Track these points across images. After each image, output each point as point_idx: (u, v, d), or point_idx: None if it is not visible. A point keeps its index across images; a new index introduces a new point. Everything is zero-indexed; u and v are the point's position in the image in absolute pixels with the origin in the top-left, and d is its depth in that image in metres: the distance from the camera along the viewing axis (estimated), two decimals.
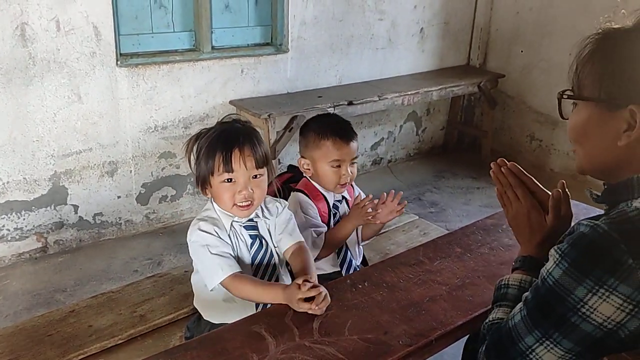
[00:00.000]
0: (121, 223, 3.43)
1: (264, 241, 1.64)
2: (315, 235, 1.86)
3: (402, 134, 4.73)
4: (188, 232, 1.59)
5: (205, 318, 1.68)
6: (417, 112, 4.75)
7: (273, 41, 3.73)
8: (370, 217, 1.85)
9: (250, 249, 1.62)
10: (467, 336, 1.53)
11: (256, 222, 1.63)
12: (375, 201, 1.93)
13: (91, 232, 3.34)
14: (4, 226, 3.03)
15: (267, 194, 1.64)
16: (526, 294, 1.11)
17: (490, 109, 4.65)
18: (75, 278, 3.01)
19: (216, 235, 1.54)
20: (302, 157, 1.93)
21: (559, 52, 4.28)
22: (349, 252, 1.99)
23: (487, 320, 1.24)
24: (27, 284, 2.93)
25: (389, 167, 4.68)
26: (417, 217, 2.70)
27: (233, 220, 1.59)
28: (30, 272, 3.05)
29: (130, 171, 3.36)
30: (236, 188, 1.52)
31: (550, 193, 1.38)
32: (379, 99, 3.80)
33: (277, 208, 1.68)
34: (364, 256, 2.17)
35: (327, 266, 1.95)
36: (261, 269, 1.65)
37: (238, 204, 1.54)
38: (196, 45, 3.43)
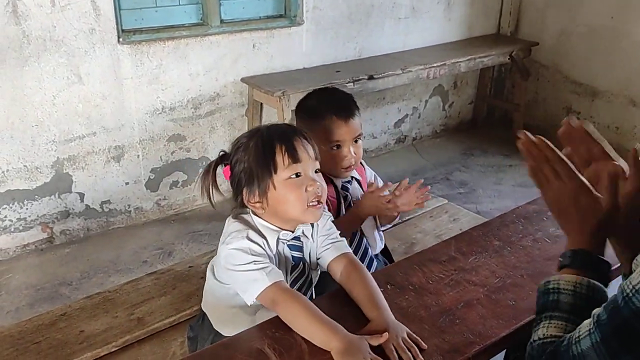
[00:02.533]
0: (130, 211, 3.25)
1: (306, 265, 1.38)
2: None
3: (427, 110, 4.44)
4: (225, 241, 1.29)
5: (215, 328, 1.44)
6: (443, 85, 4.46)
7: (287, 13, 3.47)
8: (386, 207, 1.60)
9: (291, 274, 1.36)
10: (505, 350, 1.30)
11: (302, 242, 1.36)
12: (394, 185, 1.69)
13: (99, 220, 3.16)
14: (6, 217, 2.88)
15: None
16: (598, 311, 0.86)
17: (522, 80, 4.32)
18: (81, 270, 2.85)
19: (264, 249, 1.27)
20: None
21: (600, 16, 3.93)
22: (364, 240, 1.75)
23: (535, 338, 0.99)
24: (31, 278, 2.78)
25: (414, 145, 4.41)
26: (446, 201, 2.44)
27: (279, 237, 1.32)
28: (35, 264, 2.89)
29: (138, 156, 3.17)
30: (305, 182, 1.27)
31: (617, 166, 1.09)
32: (402, 72, 3.53)
33: (318, 225, 1.38)
34: (385, 246, 1.93)
35: None
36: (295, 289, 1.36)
37: (311, 203, 1.28)
38: (204, 19, 3.19)
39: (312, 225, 1.36)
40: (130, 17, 2.99)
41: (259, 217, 1.32)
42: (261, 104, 3.36)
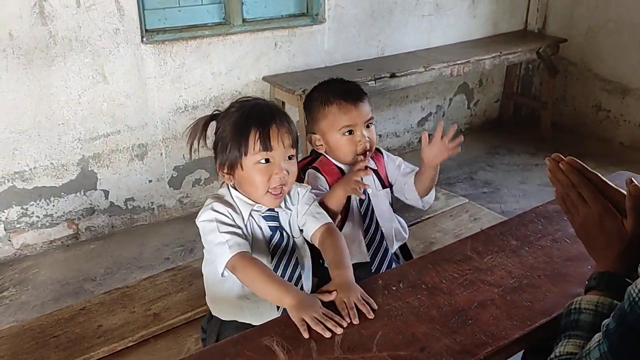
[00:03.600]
0: (154, 208, 3.29)
1: (284, 233, 1.44)
2: None
3: (452, 108, 4.39)
4: (197, 216, 1.39)
5: (214, 314, 1.50)
6: (468, 83, 4.40)
7: (309, 11, 3.46)
8: (357, 187, 1.50)
9: (270, 242, 1.42)
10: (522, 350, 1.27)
11: (277, 212, 1.43)
12: (427, 135, 1.64)
13: (123, 217, 3.21)
14: (33, 213, 2.94)
15: None
16: (607, 321, 0.83)
17: (550, 77, 4.23)
18: (105, 266, 2.90)
19: (229, 217, 1.35)
20: (311, 133, 1.68)
21: (631, 11, 3.82)
22: (379, 232, 1.67)
23: (553, 356, 0.97)
24: (56, 273, 2.83)
25: None
26: (467, 200, 2.40)
27: (252, 209, 1.39)
28: (61, 259, 2.95)
29: (161, 154, 3.20)
30: (272, 169, 1.34)
31: (624, 192, 1.07)
32: (425, 70, 3.49)
33: (299, 194, 1.47)
34: (406, 246, 1.89)
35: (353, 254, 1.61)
36: (282, 264, 1.44)
37: (271, 190, 1.36)
38: (226, 18, 3.21)
39: (289, 193, 1.44)
40: (154, 17, 3.03)
41: (235, 189, 1.40)
42: (283, 102, 3.36)
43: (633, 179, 1.06)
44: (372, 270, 1.65)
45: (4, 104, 2.69)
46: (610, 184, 1.12)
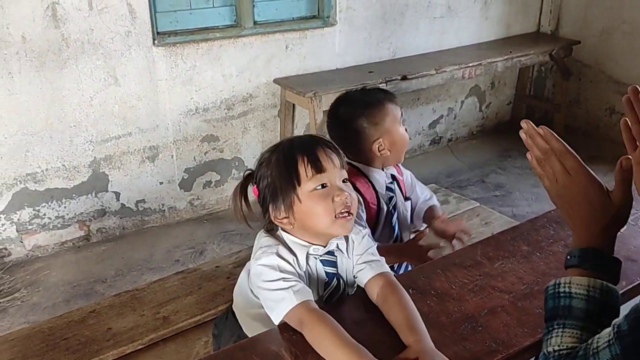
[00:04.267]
0: (164, 210, 3.30)
1: (342, 281, 1.31)
2: None
3: (463, 110, 4.36)
4: (254, 256, 1.25)
5: (246, 332, 1.40)
6: (480, 86, 4.37)
7: (320, 13, 3.46)
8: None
9: (325, 290, 1.30)
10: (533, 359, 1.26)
11: (336, 256, 1.30)
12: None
13: (134, 219, 3.23)
14: (45, 214, 2.96)
15: None
16: (619, 320, 0.81)
17: (563, 79, 4.20)
18: (116, 268, 2.91)
19: (293, 266, 1.22)
20: (374, 140, 1.63)
21: None
22: (398, 232, 1.71)
23: (549, 349, 0.93)
24: (67, 275, 2.85)
25: (449, 147, 4.33)
26: (478, 204, 2.39)
27: (308, 252, 1.26)
28: (72, 261, 2.97)
29: (172, 156, 3.21)
30: (332, 192, 1.21)
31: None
32: (436, 73, 3.47)
33: (354, 241, 1.32)
34: None
35: None
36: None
37: (340, 214, 1.21)
38: (237, 21, 3.22)
39: (347, 239, 1.31)
40: (165, 19, 3.04)
41: (287, 232, 1.27)
42: (293, 104, 3.37)
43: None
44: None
45: (17, 106, 2.72)
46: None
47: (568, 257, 1.03)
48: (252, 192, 1.30)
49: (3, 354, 1.60)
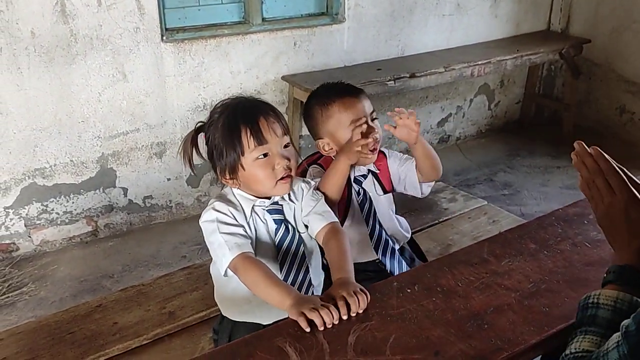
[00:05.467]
0: (172, 206, 3.31)
1: (290, 226, 1.44)
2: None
3: (472, 109, 4.34)
4: (200, 217, 1.40)
5: (224, 314, 1.50)
6: (489, 84, 4.34)
7: (328, 10, 3.45)
8: (363, 150, 1.52)
9: (275, 235, 1.42)
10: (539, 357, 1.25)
11: (281, 205, 1.44)
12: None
13: (141, 215, 3.23)
14: (53, 209, 2.98)
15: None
16: (627, 322, 0.81)
17: (573, 78, 4.16)
18: (123, 264, 2.92)
19: (231, 215, 1.35)
20: (318, 139, 1.66)
21: None
22: (377, 227, 1.67)
23: (568, 352, 0.94)
24: (75, 270, 2.86)
25: (458, 145, 4.31)
26: (486, 203, 2.38)
27: (254, 205, 1.39)
28: (80, 256, 2.98)
29: (180, 152, 3.21)
30: (273, 161, 1.34)
31: None
32: (445, 71, 3.45)
33: (303, 189, 1.47)
34: (417, 246, 1.87)
35: (356, 253, 1.60)
36: (288, 258, 1.44)
37: (280, 179, 1.36)
38: (245, 18, 3.22)
39: (292, 190, 1.43)
40: (174, 15, 3.04)
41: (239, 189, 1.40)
42: (301, 102, 3.35)
43: None
44: (384, 265, 1.66)
45: (26, 101, 2.73)
46: (635, 178, 1.08)
47: (605, 274, 1.06)
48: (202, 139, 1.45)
49: (10, 347, 1.61)
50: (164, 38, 2.97)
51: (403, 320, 1.18)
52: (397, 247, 1.72)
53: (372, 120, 1.63)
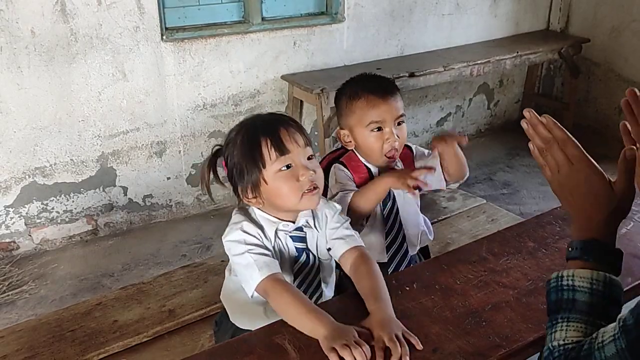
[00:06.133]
0: (172, 205, 3.31)
1: (311, 255, 1.38)
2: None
3: (471, 108, 4.35)
4: (225, 234, 1.32)
5: (231, 319, 1.48)
6: (488, 83, 4.35)
7: (328, 10, 3.46)
8: (412, 188, 1.44)
9: (295, 264, 1.36)
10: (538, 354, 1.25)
11: (305, 232, 1.36)
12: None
13: (141, 214, 3.24)
14: (53, 208, 2.98)
15: None
16: (624, 315, 0.81)
17: (572, 78, 4.17)
18: (123, 262, 2.92)
19: (259, 238, 1.28)
20: (340, 128, 1.63)
21: None
22: (401, 235, 1.63)
23: (554, 343, 0.92)
24: (75, 268, 2.87)
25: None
26: (485, 201, 2.38)
27: (278, 228, 1.31)
28: (80, 255, 2.99)
29: (179, 151, 3.23)
30: (297, 172, 1.25)
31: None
32: (444, 70, 3.46)
33: (327, 216, 1.38)
34: (426, 246, 1.85)
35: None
36: (304, 279, 1.39)
37: (307, 191, 1.26)
38: (245, 17, 3.22)
39: (316, 215, 1.36)
40: (174, 15, 3.05)
41: (259, 208, 1.32)
42: (301, 101, 3.37)
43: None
44: (390, 272, 1.62)
45: (26, 100, 2.74)
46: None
47: (569, 248, 1.02)
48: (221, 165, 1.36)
49: (11, 344, 1.62)
50: (164, 37, 2.97)
51: (402, 318, 1.18)
52: (412, 252, 1.68)
53: (398, 124, 1.56)
